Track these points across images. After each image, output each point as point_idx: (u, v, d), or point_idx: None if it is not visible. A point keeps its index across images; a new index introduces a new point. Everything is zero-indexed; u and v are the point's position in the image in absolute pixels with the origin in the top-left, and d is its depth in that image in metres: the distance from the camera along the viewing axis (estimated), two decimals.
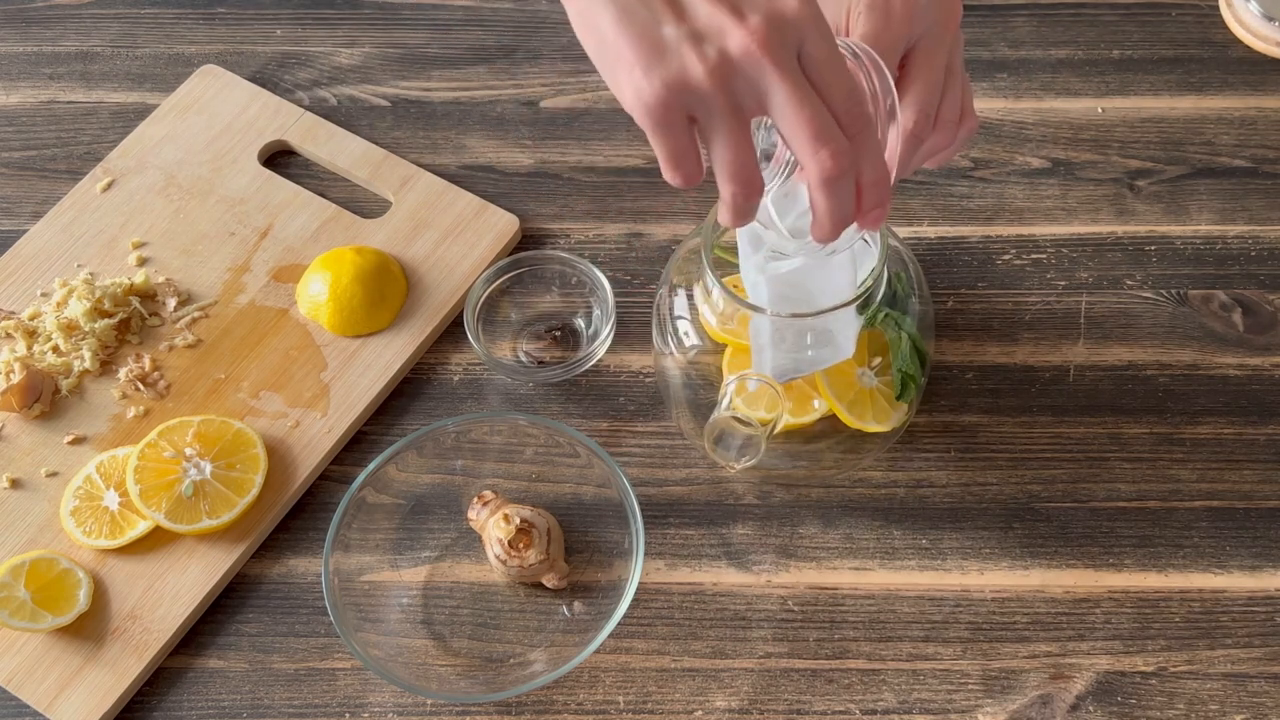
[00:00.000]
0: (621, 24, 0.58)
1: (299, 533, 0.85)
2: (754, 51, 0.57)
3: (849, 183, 0.60)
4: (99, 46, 1.06)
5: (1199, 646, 0.80)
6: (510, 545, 0.81)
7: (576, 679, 0.80)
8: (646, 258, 0.94)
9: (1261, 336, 0.90)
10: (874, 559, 0.83)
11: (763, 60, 0.57)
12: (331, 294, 0.90)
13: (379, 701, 0.80)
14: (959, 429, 0.87)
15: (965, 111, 0.70)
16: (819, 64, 0.59)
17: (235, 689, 0.80)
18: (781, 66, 0.57)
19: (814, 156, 0.59)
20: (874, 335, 0.77)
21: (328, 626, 0.82)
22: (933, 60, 0.68)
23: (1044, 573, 0.82)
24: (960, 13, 0.69)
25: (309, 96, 1.02)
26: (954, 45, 0.69)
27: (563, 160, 0.99)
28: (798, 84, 0.58)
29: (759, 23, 0.57)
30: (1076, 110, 1.00)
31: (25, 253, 0.95)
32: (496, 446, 0.85)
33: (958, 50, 0.70)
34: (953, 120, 0.69)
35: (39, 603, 0.80)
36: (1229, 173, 0.97)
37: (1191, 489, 0.85)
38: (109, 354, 0.90)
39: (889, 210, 0.63)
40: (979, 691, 0.79)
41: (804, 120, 0.58)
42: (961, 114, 0.70)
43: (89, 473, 0.85)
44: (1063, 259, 0.93)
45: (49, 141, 1.01)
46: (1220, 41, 1.02)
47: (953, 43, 0.69)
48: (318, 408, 0.88)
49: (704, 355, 0.79)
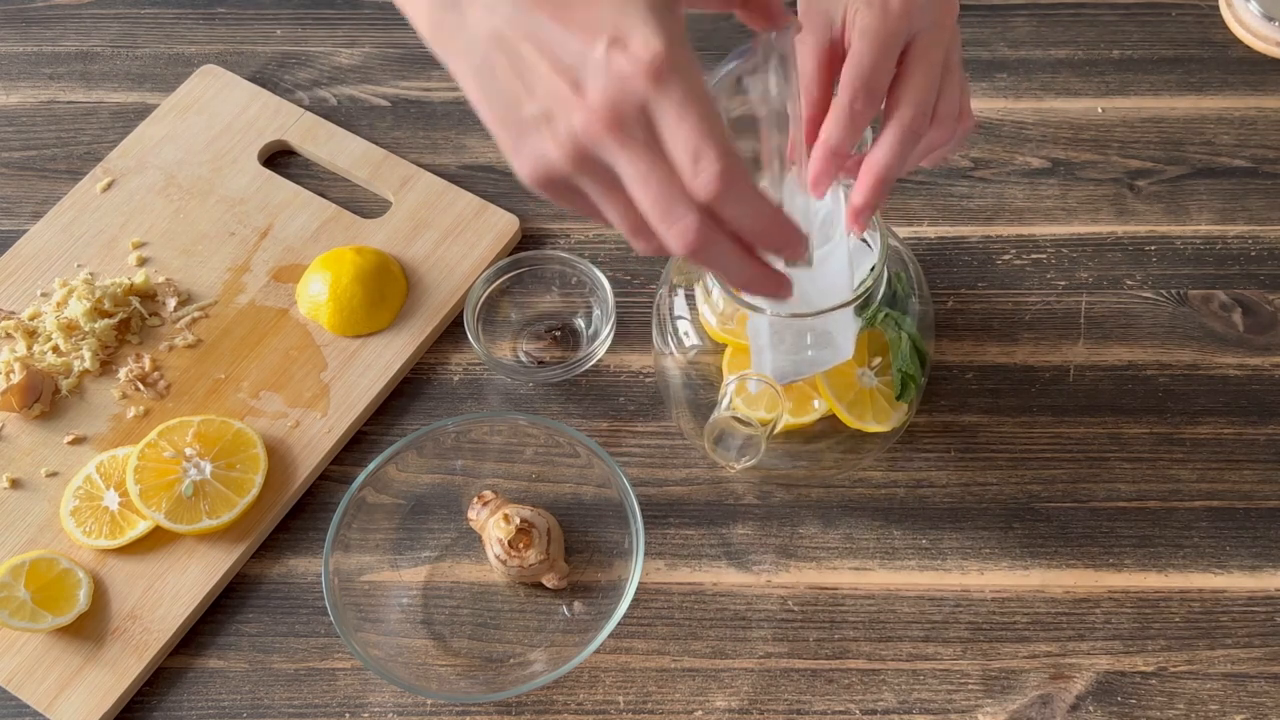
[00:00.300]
0: (483, 103, 0.56)
1: (299, 533, 0.85)
2: (595, 129, 0.53)
3: (720, 248, 0.55)
4: (99, 46, 1.06)
5: (1199, 646, 0.80)
6: (510, 545, 0.81)
7: (576, 679, 0.80)
8: (646, 258, 0.94)
9: (1261, 336, 0.90)
10: (874, 559, 0.83)
11: (603, 138, 0.53)
12: (331, 294, 0.90)
13: (379, 701, 0.80)
14: (959, 429, 0.87)
15: (963, 109, 0.70)
16: (665, 127, 0.53)
17: (235, 689, 0.80)
18: (621, 142, 0.53)
19: (665, 237, 0.55)
20: (874, 335, 0.77)
21: (328, 626, 0.82)
22: (930, 56, 0.67)
23: (1044, 573, 0.82)
24: (957, 9, 0.69)
25: (309, 96, 1.02)
26: (952, 42, 0.69)
27: None
28: (638, 158, 0.53)
29: (596, 97, 0.53)
30: (1076, 110, 1.00)
31: (25, 253, 0.95)
32: (496, 446, 0.85)
33: (955, 47, 0.69)
34: (951, 116, 0.68)
35: (39, 603, 0.80)
36: (1229, 173, 0.97)
37: (1191, 489, 0.85)
38: (109, 354, 0.90)
39: (806, 248, 0.58)
40: (979, 691, 0.79)
41: (648, 199, 0.54)
42: (960, 112, 0.69)
43: (89, 473, 0.85)
44: (1063, 259, 0.93)
45: (49, 141, 1.01)
46: (1220, 41, 1.03)
47: (950, 39, 0.68)
48: (318, 408, 0.88)
49: (704, 355, 0.79)
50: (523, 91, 0.54)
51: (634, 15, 0.52)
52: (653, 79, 0.52)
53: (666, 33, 0.52)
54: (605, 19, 0.52)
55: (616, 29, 0.52)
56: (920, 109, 0.66)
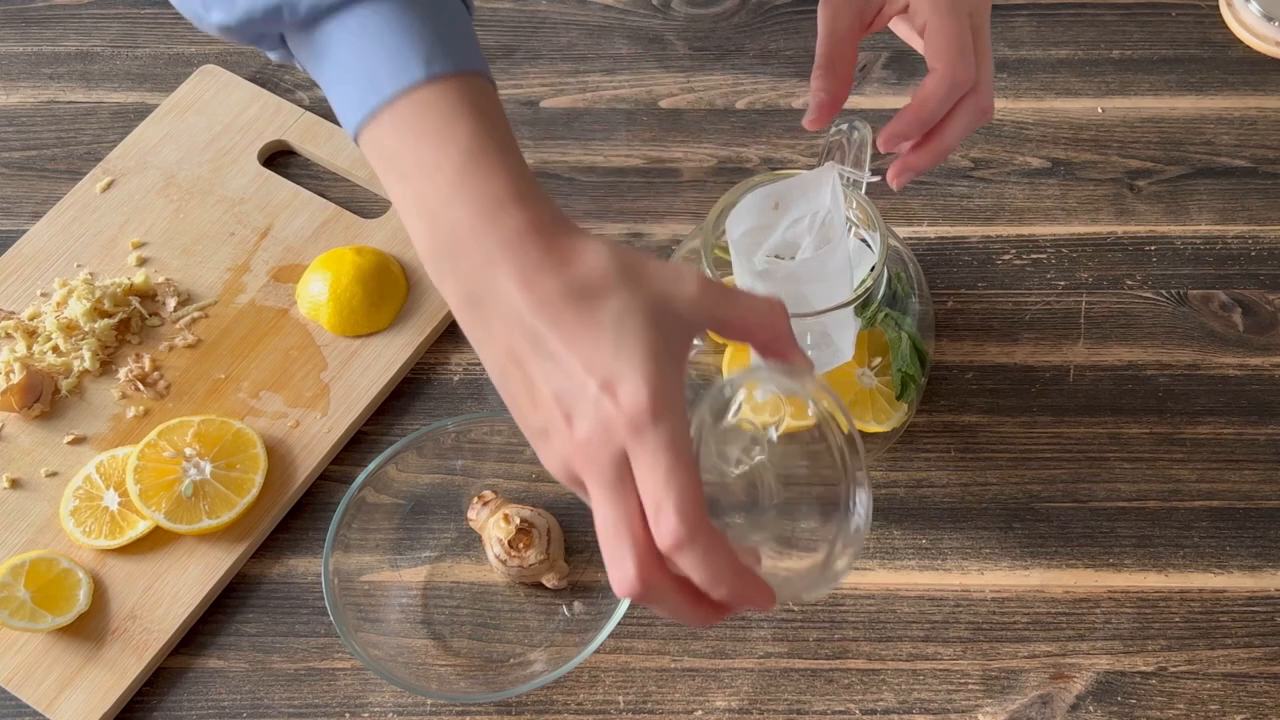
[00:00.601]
0: (503, 396, 0.59)
1: (299, 533, 0.85)
2: (575, 461, 0.56)
3: (665, 597, 0.56)
4: (99, 46, 1.06)
5: (1199, 646, 0.80)
6: (510, 545, 0.81)
7: (576, 679, 0.80)
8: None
9: (1261, 336, 0.90)
10: (874, 559, 0.83)
11: (581, 470, 0.56)
12: (331, 294, 0.90)
13: (379, 701, 0.80)
14: (959, 429, 0.87)
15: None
16: (638, 473, 0.55)
17: (235, 689, 0.80)
18: (594, 480, 0.55)
19: (611, 576, 0.56)
20: (874, 335, 0.77)
21: (328, 626, 0.82)
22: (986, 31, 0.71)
23: (1044, 573, 0.82)
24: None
25: (309, 96, 1.02)
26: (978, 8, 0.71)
27: (563, 160, 0.99)
28: (601, 498, 0.55)
29: (580, 433, 0.55)
30: (1076, 110, 1.00)
31: (25, 253, 0.95)
32: (496, 446, 0.85)
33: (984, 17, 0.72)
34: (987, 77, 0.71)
35: (39, 603, 0.80)
36: (1229, 173, 0.97)
37: (1191, 489, 0.85)
38: (109, 354, 0.90)
39: (772, 602, 0.58)
40: (979, 691, 0.79)
41: (602, 537, 0.56)
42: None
43: (89, 473, 0.85)
44: (1063, 259, 0.93)
45: (49, 141, 1.01)
46: (1220, 41, 1.03)
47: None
48: (318, 408, 0.88)
49: (704, 355, 0.79)
50: (530, 405, 0.57)
51: (628, 362, 0.54)
52: (632, 429, 0.54)
53: (655, 384, 0.54)
54: (603, 361, 0.55)
55: (610, 373, 0.54)
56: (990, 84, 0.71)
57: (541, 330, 0.55)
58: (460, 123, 0.57)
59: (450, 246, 0.57)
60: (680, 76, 1.02)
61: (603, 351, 0.55)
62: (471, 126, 0.57)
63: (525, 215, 0.56)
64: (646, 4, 1.06)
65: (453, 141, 0.57)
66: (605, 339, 0.55)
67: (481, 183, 0.57)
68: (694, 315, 0.57)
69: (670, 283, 0.57)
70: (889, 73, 1.01)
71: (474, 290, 0.57)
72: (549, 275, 0.56)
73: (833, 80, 0.71)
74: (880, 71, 1.01)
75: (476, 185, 0.56)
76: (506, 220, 0.56)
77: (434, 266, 0.58)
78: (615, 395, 0.54)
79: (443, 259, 0.58)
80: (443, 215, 0.57)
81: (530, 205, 0.57)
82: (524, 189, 0.57)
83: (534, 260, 0.56)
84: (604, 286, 0.56)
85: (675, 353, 0.56)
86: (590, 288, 0.56)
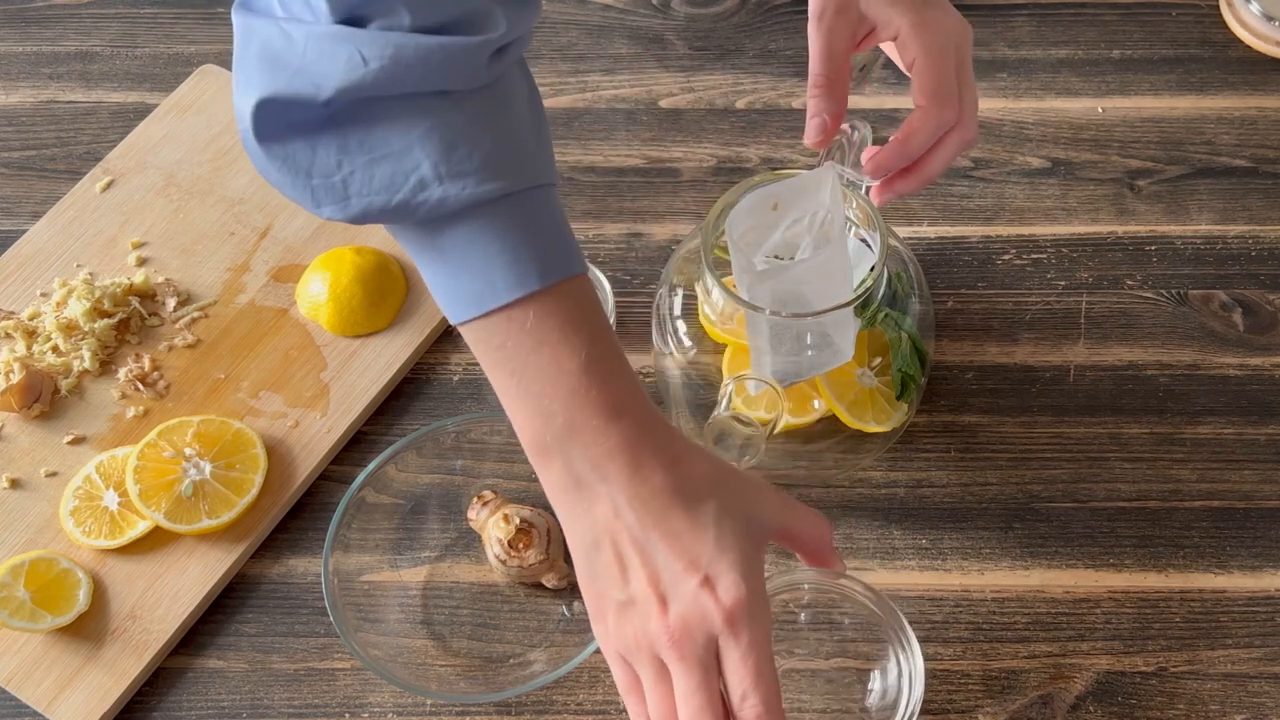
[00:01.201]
0: (584, 572, 0.64)
1: (299, 533, 0.85)
2: (664, 638, 0.61)
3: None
4: (99, 46, 1.06)
5: (1199, 646, 0.80)
6: (510, 545, 0.81)
7: (576, 679, 0.80)
8: (646, 258, 0.94)
9: (1261, 336, 0.90)
10: (874, 559, 0.83)
11: (670, 651, 0.61)
12: (331, 294, 0.90)
13: (379, 701, 0.80)
14: (959, 429, 0.87)
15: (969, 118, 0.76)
16: (728, 662, 0.61)
17: (235, 689, 0.80)
18: (685, 661, 0.61)
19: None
20: (874, 335, 0.77)
21: (328, 626, 0.82)
22: (969, 66, 0.75)
23: (1044, 573, 0.82)
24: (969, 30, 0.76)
25: None
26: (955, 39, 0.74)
27: (562, 160, 0.99)
28: (691, 675, 0.61)
29: (674, 619, 0.61)
30: (1076, 110, 1.00)
31: (25, 253, 0.95)
32: (496, 446, 0.85)
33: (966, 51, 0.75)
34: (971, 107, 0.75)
35: (39, 603, 0.80)
36: (1229, 173, 0.97)
37: (1191, 489, 0.85)
38: (109, 354, 0.90)
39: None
40: (979, 691, 0.79)
41: (687, 711, 0.61)
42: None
43: (89, 473, 0.85)
44: (1063, 259, 0.93)
45: (49, 141, 1.01)
46: (1220, 41, 1.03)
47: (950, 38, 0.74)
48: (317, 408, 0.88)
49: (704, 355, 0.79)
50: (619, 580, 0.63)
51: (727, 562, 0.61)
52: (728, 622, 0.61)
53: (751, 585, 0.61)
54: (704, 557, 0.61)
55: (711, 569, 0.61)
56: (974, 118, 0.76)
57: (647, 519, 0.62)
58: (577, 333, 0.62)
59: (564, 440, 0.62)
60: (680, 76, 1.03)
61: (705, 548, 0.61)
62: (588, 335, 0.62)
63: (640, 419, 0.62)
64: (646, 4, 1.06)
65: (571, 352, 0.62)
66: (708, 537, 0.61)
67: (600, 391, 0.62)
68: (771, 523, 0.65)
69: (754, 492, 0.64)
70: (889, 73, 1.01)
71: (583, 477, 0.62)
72: (659, 472, 0.62)
73: (833, 101, 0.73)
74: (880, 71, 1.01)
75: (597, 394, 0.62)
76: (625, 423, 0.62)
77: (541, 453, 0.63)
78: (715, 590, 0.61)
79: (554, 450, 0.63)
80: (562, 415, 0.62)
81: (643, 410, 0.63)
82: (638, 396, 0.63)
83: (647, 458, 0.62)
84: (706, 490, 0.62)
85: (760, 557, 0.63)
86: (695, 489, 0.62)
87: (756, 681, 0.61)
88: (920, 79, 0.73)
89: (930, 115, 0.73)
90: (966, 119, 0.75)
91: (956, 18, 0.75)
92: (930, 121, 0.73)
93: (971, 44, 0.76)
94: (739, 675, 0.61)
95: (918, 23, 0.73)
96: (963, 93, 0.74)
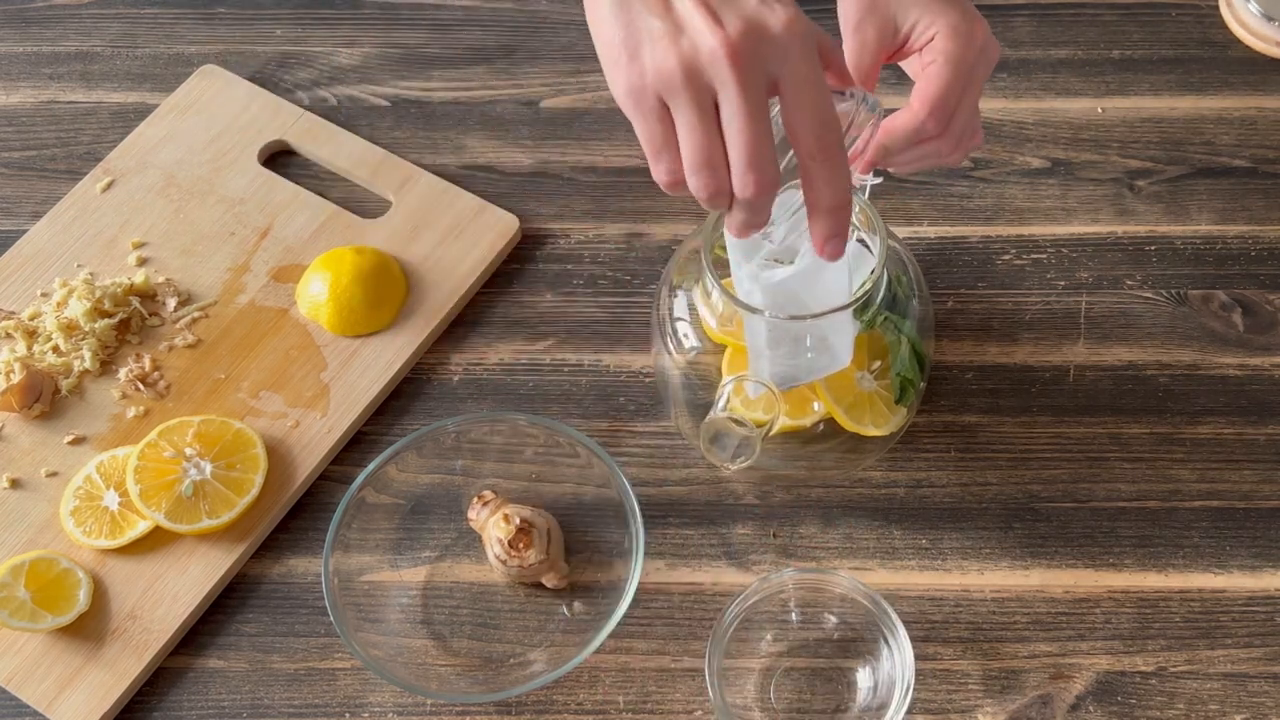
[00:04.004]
0: (617, 15, 0.61)
1: (299, 533, 0.85)
2: (721, 58, 0.58)
3: (763, 205, 0.62)
4: (99, 46, 1.06)
5: (1199, 646, 0.80)
6: (510, 545, 0.81)
7: (576, 679, 0.80)
8: (646, 258, 0.94)
9: (1261, 336, 0.90)
10: (874, 559, 0.83)
11: (728, 69, 0.59)
12: (331, 294, 0.90)
13: (379, 701, 0.80)
14: (959, 429, 0.87)
15: (975, 128, 0.74)
16: (793, 85, 0.60)
17: (235, 689, 0.80)
18: (742, 79, 0.59)
19: (741, 177, 0.61)
20: (874, 338, 0.77)
21: (328, 626, 0.82)
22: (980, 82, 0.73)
23: (1044, 573, 0.82)
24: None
25: (309, 96, 1.02)
26: (980, 60, 0.72)
27: (563, 160, 0.99)
28: (750, 101, 0.59)
29: (733, 32, 0.58)
30: (1076, 110, 1.00)
31: (25, 253, 0.95)
32: (496, 446, 0.85)
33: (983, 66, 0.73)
34: (970, 130, 0.73)
35: (39, 603, 0.80)
36: (1229, 173, 0.97)
37: (1191, 489, 0.85)
38: (109, 354, 0.90)
39: (846, 241, 0.65)
40: (979, 691, 0.79)
41: (743, 140, 0.59)
42: (972, 130, 0.73)
43: (89, 473, 0.85)
44: (1063, 259, 0.93)
45: (49, 141, 1.01)
46: (1220, 41, 1.02)
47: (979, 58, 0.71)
48: (318, 408, 0.88)
49: (703, 356, 0.79)
50: (659, 9, 0.60)
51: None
52: (790, 34, 0.58)
53: (804, 16, 0.59)
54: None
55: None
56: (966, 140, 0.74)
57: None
58: None
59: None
60: None
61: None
62: None
63: None
64: None
65: None
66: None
67: None
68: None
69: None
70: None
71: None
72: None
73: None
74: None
75: None
76: None
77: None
78: (774, 8, 0.59)
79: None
80: None
81: None
82: None
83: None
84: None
85: None
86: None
87: (820, 107, 0.60)
88: (928, 85, 0.71)
89: (913, 123, 0.70)
90: (952, 135, 0.72)
91: (989, 37, 0.72)
92: (911, 128, 0.70)
93: (993, 68, 0.73)
94: (804, 99, 0.59)
95: (958, 29, 0.70)
96: (959, 113, 0.71)
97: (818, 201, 0.63)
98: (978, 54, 0.71)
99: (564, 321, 0.92)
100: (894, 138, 0.71)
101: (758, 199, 0.61)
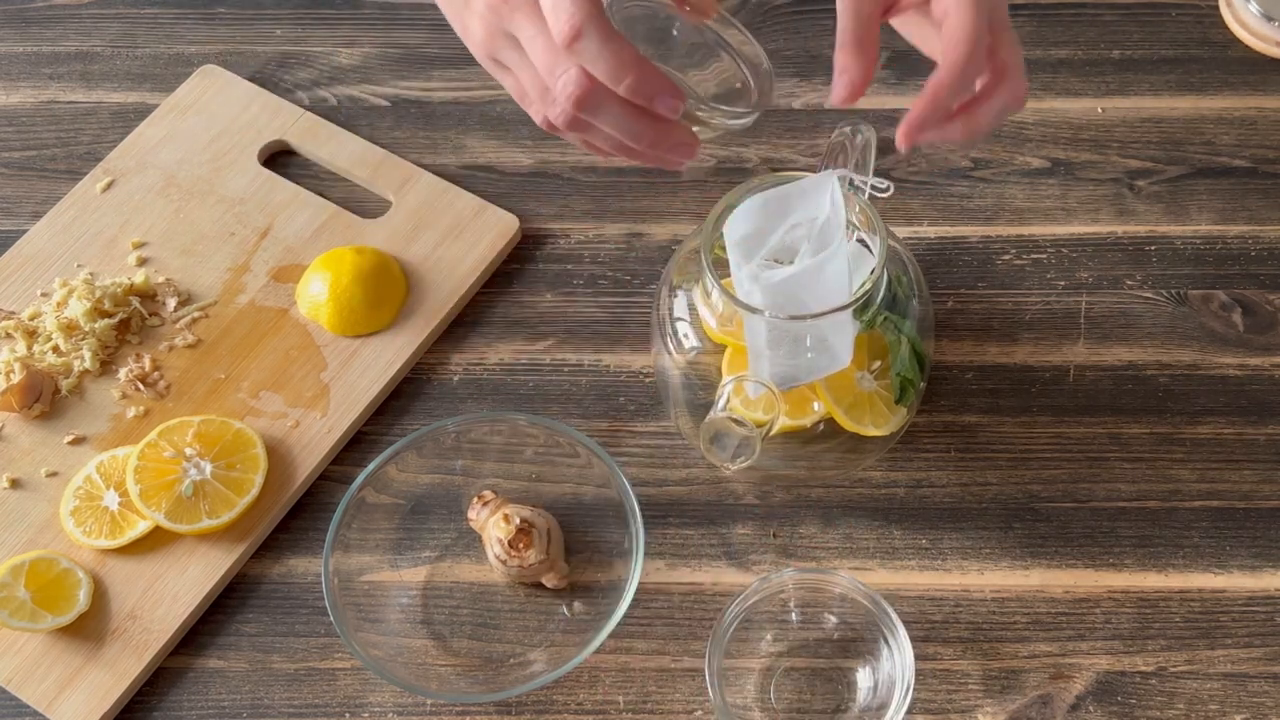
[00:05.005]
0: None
1: (299, 533, 0.85)
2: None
3: (606, 105, 0.65)
4: (99, 46, 1.06)
5: (1199, 646, 0.80)
6: (510, 545, 0.81)
7: (576, 679, 0.80)
8: (646, 258, 0.94)
9: (1261, 336, 0.90)
10: (874, 559, 0.83)
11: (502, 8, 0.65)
12: (331, 294, 0.90)
13: (379, 701, 0.80)
14: (959, 429, 0.87)
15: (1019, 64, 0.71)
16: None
17: (235, 689, 0.80)
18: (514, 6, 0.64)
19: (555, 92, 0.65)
20: (874, 338, 0.77)
21: (328, 626, 0.82)
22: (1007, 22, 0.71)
23: (1044, 573, 0.82)
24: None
25: (309, 96, 1.02)
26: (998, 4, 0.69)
27: (563, 160, 0.99)
28: (528, 23, 0.64)
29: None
30: (1076, 110, 1.00)
31: (25, 253, 0.95)
32: (496, 446, 0.85)
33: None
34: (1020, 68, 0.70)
35: (39, 603, 0.80)
36: (1229, 173, 0.97)
37: (1191, 489, 0.85)
38: (109, 354, 0.90)
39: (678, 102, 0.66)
40: (979, 691, 0.79)
41: (539, 58, 0.64)
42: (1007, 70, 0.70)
43: (89, 473, 0.85)
44: (1063, 259, 0.93)
45: (49, 141, 1.01)
46: (1220, 41, 1.02)
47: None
48: (318, 408, 0.88)
49: (703, 356, 0.79)
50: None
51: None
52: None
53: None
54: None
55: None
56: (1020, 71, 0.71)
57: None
58: None
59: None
60: None
61: None
62: None
63: None
64: None
65: None
66: None
67: None
68: None
69: None
70: (889, 73, 1.01)
71: None
72: None
73: (863, 58, 0.67)
74: (880, 72, 1.01)
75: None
76: None
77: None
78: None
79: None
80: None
81: None
82: None
83: None
84: None
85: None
86: None
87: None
88: (950, 31, 0.66)
89: (956, 64, 0.66)
90: (1013, 73, 0.69)
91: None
92: (956, 69, 0.66)
93: (1007, 7, 0.70)
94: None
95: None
96: (1000, 49, 0.68)
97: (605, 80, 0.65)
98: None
99: (564, 321, 0.92)
100: (944, 87, 0.67)
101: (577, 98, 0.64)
